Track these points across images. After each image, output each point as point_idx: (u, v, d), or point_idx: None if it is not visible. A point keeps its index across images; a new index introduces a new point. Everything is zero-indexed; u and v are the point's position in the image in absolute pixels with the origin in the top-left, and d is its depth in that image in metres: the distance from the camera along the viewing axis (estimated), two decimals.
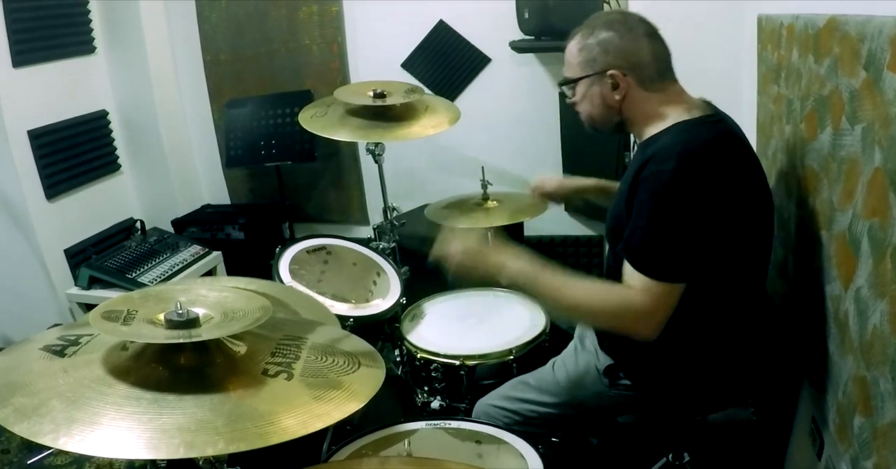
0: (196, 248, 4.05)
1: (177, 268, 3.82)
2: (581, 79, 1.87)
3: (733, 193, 1.65)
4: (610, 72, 1.80)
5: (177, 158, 4.52)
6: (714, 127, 1.74)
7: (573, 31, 1.89)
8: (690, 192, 1.61)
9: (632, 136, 2.01)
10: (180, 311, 1.33)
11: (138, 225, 4.22)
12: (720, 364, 1.85)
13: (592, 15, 1.89)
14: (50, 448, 1.07)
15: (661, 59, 1.82)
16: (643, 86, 1.81)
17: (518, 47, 3.66)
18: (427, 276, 2.85)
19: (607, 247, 2.00)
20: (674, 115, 1.78)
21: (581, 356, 2.07)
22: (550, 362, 2.15)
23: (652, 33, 1.82)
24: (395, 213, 3.24)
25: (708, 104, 1.84)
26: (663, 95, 1.82)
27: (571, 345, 2.18)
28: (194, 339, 1.27)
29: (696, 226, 1.62)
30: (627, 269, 1.69)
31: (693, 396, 1.93)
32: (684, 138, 1.68)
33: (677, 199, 1.61)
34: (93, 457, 2.31)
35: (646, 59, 1.79)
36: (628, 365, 1.93)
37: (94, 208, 4.09)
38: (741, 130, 1.83)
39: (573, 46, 1.88)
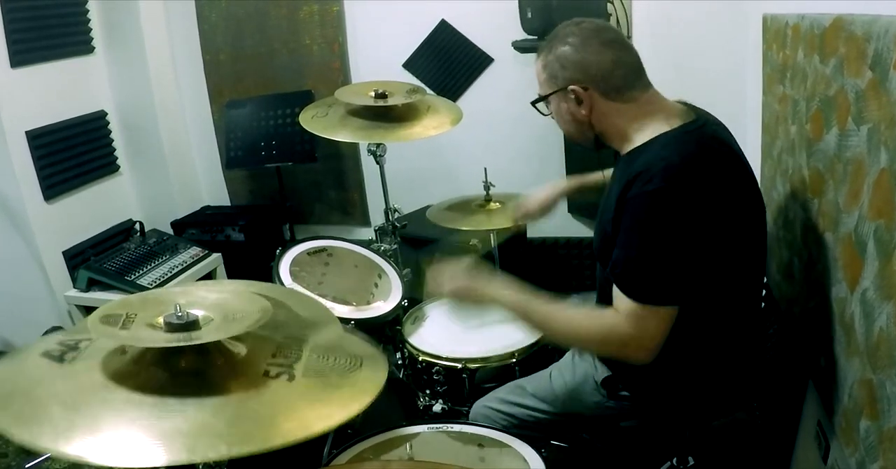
0: (196, 250, 4.06)
1: (176, 270, 3.83)
2: (548, 96, 1.86)
3: (722, 204, 1.62)
4: (570, 87, 1.76)
5: (176, 159, 4.53)
6: (697, 135, 1.69)
7: (539, 47, 1.88)
8: (677, 213, 1.57)
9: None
10: (180, 314, 1.33)
11: (137, 226, 4.23)
12: (719, 373, 1.85)
13: (555, 29, 1.86)
14: (49, 455, 1.07)
15: (625, 66, 1.76)
16: (609, 97, 1.76)
17: (521, 47, 3.67)
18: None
19: (598, 265, 2.00)
20: (652, 127, 1.73)
21: (579, 366, 2.05)
22: (548, 370, 2.13)
23: (611, 41, 1.77)
24: (396, 215, 3.24)
25: (688, 108, 1.80)
26: (636, 105, 1.76)
27: (569, 354, 2.16)
28: (194, 342, 1.27)
29: (685, 247, 1.59)
30: (616, 293, 1.67)
31: (693, 406, 1.92)
32: (667, 154, 1.63)
33: (664, 221, 1.58)
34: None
35: (605, 69, 1.74)
36: (626, 376, 1.92)
37: (92, 210, 4.10)
38: (727, 131, 1.80)
39: (538, 64, 1.86)
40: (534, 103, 1.93)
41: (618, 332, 1.64)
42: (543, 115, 1.94)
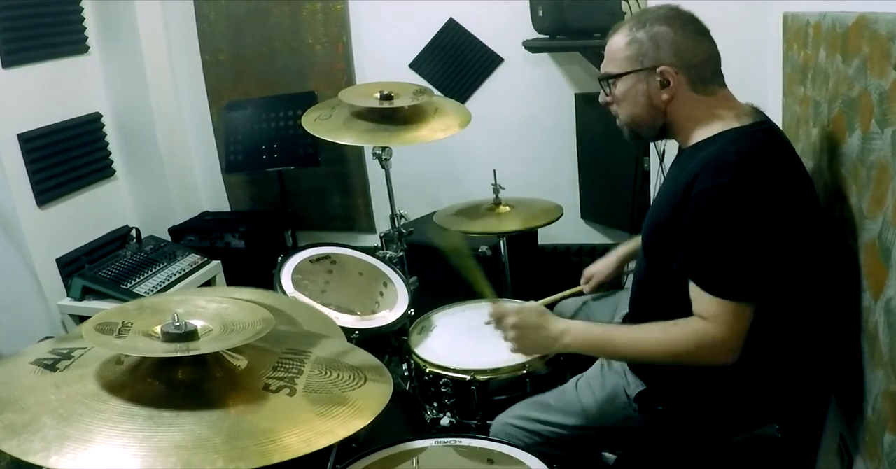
0: (194, 258, 4.07)
1: (174, 278, 3.84)
2: (626, 74, 1.82)
3: (790, 205, 1.64)
4: (661, 68, 1.76)
5: (174, 163, 4.54)
6: (767, 135, 1.72)
7: (616, 24, 1.86)
8: (751, 206, 1.59)
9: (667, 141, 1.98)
10: (178, 324, 1.34)
11: (134, 233, 4.23)
12: (760, 386, 1.85)
13: (641, 9, 1.86)
14: (41, 467, 1.08)
15: (714, 60, 1.80)
16: (693, 87, 1.77)
17: (532, 47, 3.67)
18: (436, 287, 2.86)
19: (642, 261, 1.98)
20: (722, 122, 1.76)
21: (608, 377, 2.05)
22: (573, 381, 2.13)
23: (705, 32, 1.81)
24: (402, 221, 3.24)
25: (757, 111, 1.82)
26: (713, 100, 1.79)
27: (597, 364, 2.16)
28: (192, 353, 1.28)
29: (762, 240, 1.60)
30: (698, 295, 1.68)
31: (727, 418, 1.92)
32: (737, 148, 1.65)
33: (740, 214, 1.59)
34: None
35: (700, 58, 1.77)
36: (662, 390, 1.92)
37: (87, 216, 4.11)
38: (788, 139, 1.81)
39: (619, 39, 1.82)
40: (603, 79, 1.89)
41: (710, 335, 1.65)
42: (603, 97, 1.92)
